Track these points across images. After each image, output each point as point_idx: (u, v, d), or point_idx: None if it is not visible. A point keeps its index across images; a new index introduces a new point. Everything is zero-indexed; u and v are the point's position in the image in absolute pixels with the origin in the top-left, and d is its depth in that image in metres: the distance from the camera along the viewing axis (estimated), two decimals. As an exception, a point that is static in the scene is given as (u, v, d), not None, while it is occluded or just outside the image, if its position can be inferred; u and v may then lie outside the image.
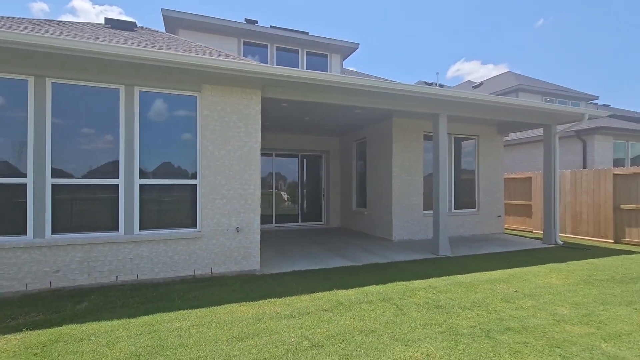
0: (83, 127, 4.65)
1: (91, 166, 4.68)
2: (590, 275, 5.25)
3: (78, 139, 4.62)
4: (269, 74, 4.98)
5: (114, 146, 4.73)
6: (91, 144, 4.69)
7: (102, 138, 4.74)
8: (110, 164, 4.74)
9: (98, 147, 4.71)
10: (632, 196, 8.07)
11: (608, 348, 2.92)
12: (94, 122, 4.69)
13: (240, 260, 5.21)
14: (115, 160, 4.73)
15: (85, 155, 4.65)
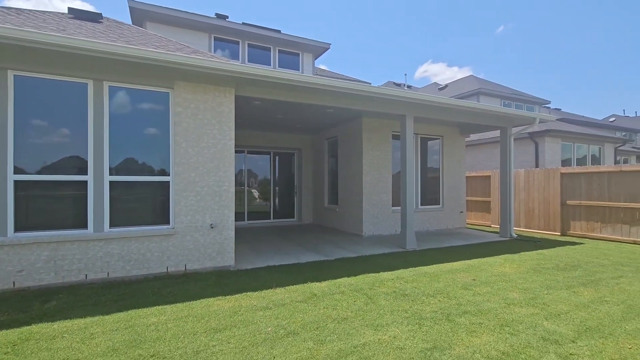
0: (48, 122, 4.49)
1: (57, 162, 4.53)
2: (538, 264, 5.80)
3: (43, 134, 4.46)
4: (243, 73, 5.06)
5: (82, 142, 4.60)
6: (57, 139, 4.55)
7: (69, 133, 4.60)
8: (78, 160, 4.62)
9: (64, 143, 4.57)
10: (577, 193, 8.92)
11: (549, 325, 3.33)
12: (60, 116, 4.54)
13: (214, 256, 5.26)
14: (83, 156, 4.62)
15: (51, 151, 4.50)
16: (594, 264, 5.83)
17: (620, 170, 8.11)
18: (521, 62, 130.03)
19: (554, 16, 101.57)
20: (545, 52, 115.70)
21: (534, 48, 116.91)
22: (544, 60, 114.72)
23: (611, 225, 8.23)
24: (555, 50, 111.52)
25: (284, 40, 10.78)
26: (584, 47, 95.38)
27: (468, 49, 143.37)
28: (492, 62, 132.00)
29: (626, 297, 4.12)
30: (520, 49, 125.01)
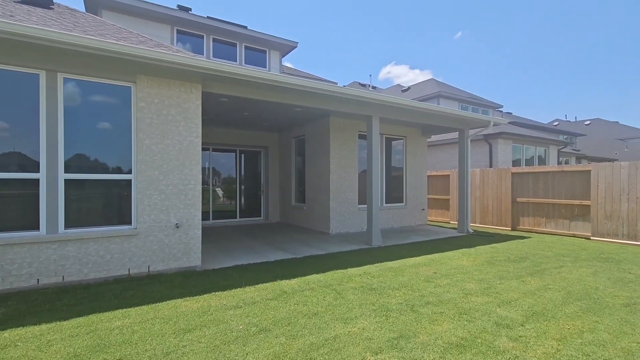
0: (-7, 115, 4.13)
1: (3, 159, 4.18)
2: (492, 257, 6.26)
3: (-13, 128, 4.09)
4: (211, 70, 4.96)
5: (33, 137, 4.28)
6: (3, 134, 4.19)
7: (18, 128, 4.26)
8: (28, 157, 4.29)
9: (12, 138, 4.23)
10: (525, 191, 9.69)
11: (501, 311, 3.63)
12: (8, 109, 4.19)
13: (180, 256, 5.12)
14: (35, 152, 4.29)
15: (-4, 147, 4.14)
16: (540, 255, 6.39)
17: (562, 170, 8.93)
18: (477, 67, 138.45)
19: (508, 27, 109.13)
20: (498, 59, 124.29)
21: (489, 54, 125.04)
22: (497, 66, 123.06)
23: (554, 220, 9.04)
24: (507, 57, 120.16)
25: (250, 36, 10.64)
26: (533, 56, 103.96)
27: (429, 53, 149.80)
28: (450, 66, 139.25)
29: (566, 284, 4.58)
30: (477, 55, 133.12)
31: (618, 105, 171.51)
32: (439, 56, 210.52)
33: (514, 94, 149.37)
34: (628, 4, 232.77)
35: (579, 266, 5.59)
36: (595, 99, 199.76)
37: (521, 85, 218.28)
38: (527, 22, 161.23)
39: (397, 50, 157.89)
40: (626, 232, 7.62)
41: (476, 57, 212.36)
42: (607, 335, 3.12)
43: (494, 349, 2.88)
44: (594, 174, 8.19)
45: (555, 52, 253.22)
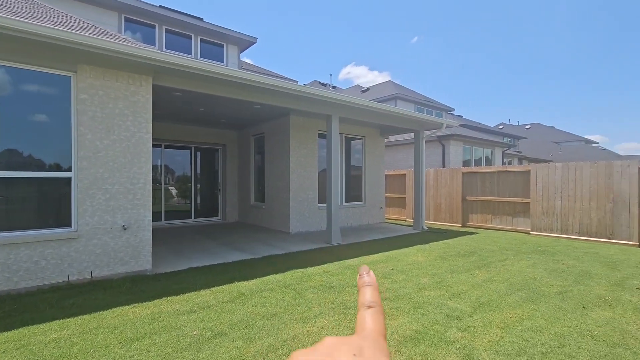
0: None
1: None
2: (444, 252, 6.58)
3: None
4: (163, 62, 4.68)
5: (-51, 129, 3.76)
6: None
7: None
8: (-57, 152, 3.76)
9: None
10: (474, 190, 10.33)
11: (452, 304, 3.82)
12: None
13: (128, 260, 4.78)
14: (-49, 146, 3.77)
15: None
16: (486, 250, 6.84)
17: (506, 170, 9.63)
18: (431, 71, 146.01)
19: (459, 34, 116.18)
20: (450, 63, 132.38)
21: (442, 59, 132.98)
22: (448, 71, 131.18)
23: (499, 217, 9.73)
24: (459, 63, 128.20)
25: (207, 29, 10.23)
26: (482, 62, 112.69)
27: (387, 55, 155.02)
28: (407, 69, 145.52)
29: (509, 276, 4.94)
30: (431, 59, 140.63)
31: (554, 111, 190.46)
32: (397, 59, 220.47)
33: (464, 97, 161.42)
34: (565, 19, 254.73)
35: (520, 259, 6.05)
36: (534, 105, 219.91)
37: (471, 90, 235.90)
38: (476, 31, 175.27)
39: (357, 51, 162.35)
40: (559, 227, 8.40)
41: (430, 61, 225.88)
42: (544, 322, 3.40)
43: (445, 339, 3.01)
44: (533, 174, 8.93)
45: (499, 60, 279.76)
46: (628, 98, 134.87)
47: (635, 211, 7.29)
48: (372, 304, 0.37)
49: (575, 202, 8.16)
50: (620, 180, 7.50)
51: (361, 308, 0.37)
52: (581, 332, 3.19)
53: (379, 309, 0.37)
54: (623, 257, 6.27)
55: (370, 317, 0.36)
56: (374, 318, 0.36)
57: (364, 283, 0.40)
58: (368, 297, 0.38)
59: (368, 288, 0.39)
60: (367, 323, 0.35)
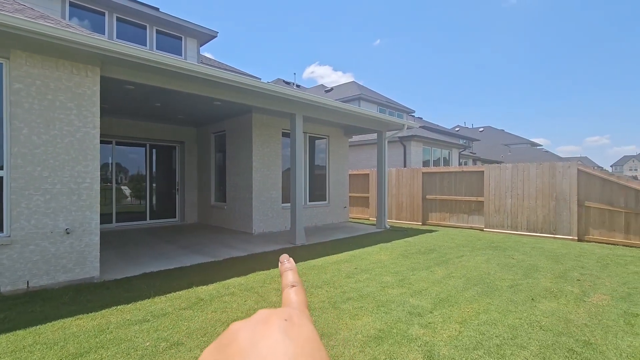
0: None
1: None
2: (406, 250, 6.75)
3: None
4: (112, 51, 4.32)
5: None
6: None
7: None
8: None
9: None
10: (433, 189, 10.73)
11: (414, 301, 3.90)
12: None
13: (72, 267, 4.36)
14: None
15: None
16: (445, 247, 7.11)
17: (462, 170, 10.11)
18: (392, 73, 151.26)
19: (419, 38, 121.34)
20: (411, 66, 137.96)
21: (403, 62, 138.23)
22: (410, 73, 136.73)
23: (456, 215, 10.19)
24: (419, 66, 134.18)
25: (163, 20, 9.67)
26: (440, 66, 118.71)
27: (351, 56, 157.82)
28: (370, 70, 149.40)
29: (466, 272, 5.15)
30: (392, 62, 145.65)
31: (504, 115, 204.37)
32: (360, 60, 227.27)
33: (423, 100, 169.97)
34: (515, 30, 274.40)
35: (475, 255, 6.35)
36: (486, 109, 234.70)
37: (430, 93, 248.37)
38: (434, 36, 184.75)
39: (321, 51, 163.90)
40: (510, 224, 8.96)
41: (392, 64, 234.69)
42: (498, 315, 3.56)
43: (408, 337, 3.05)
44: (486, 174, 9.44)
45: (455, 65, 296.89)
46: (567, 104, 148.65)
47: (575, 208, 7.96)
48: (295, 283, 0.42)
49: (523, 200, 8.74)
50: (562, 180, 8.15)
51: (285, 288, 0.42)
52: (531, 323, 3.37)
53: (300, 287, 0.42)
54: (564, 250, 6.80)
55: (294, 292, 0.41)
56: (297, 293, 0.41)
57: (286, 268, 0.45)
58: (290, 278, 0.43)
59: (289, 272, 0.44)
60: (292, 297, 0.40)
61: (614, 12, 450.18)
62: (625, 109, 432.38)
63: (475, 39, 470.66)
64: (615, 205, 7.48)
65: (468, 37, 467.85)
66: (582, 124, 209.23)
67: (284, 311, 0.34)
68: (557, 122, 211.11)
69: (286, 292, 0.42)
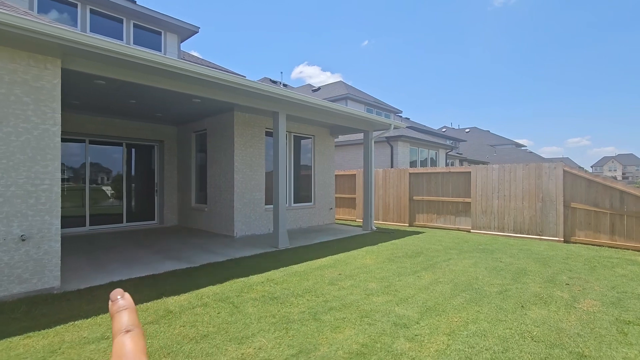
0: None
1: None
2: (392, 253, 6.54)
3: None
4: (72, 41, 3.95)
5: None
6: None
7: None
8: None
9: None
10: (420, 190, 10.59)
11: (399, 310, 3.67)
12: None
13: (28, 278, 3.97)
14: None
15: None
16: (432, 250, 6.94)
17: (449, 171, 9.99)
18: (380, 74, 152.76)
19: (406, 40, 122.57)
20: (398, 67, 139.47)
21: (390, 63, 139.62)
22: (397, 74, 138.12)
23: (443, 216, 10.07)
24: (407, 67, 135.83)
25: (140, 13, 9.23)
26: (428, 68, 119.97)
27: (339, 57, 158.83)
28: (358, 71, 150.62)
29: (453, 277, 4.97)
30: (380, 63, 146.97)
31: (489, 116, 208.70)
32: (349, 61, 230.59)
33: (410, 101, 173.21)
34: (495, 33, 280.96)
35: (463, 258, 6.19)
36: (472, 110, 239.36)
37: (416, 94, 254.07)
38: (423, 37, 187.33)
39: (309, 51, 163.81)
40: (497, 225, 8.88)
41: (380, 65, 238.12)
42: (487, 325, 3.36)
43: (393, 352, 2.81)
44: (473, 175, 9.34)
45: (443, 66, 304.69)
46: (547, 106, 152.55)
47: (561, 209, 7.91)
48: (131, 327, 0.35)
49: (510, 201, 8.67)
50: (548, 180, 8.10)
51: (118, 334, 0.35)
52: (522, 333, 3.19)
53: (138, 331, 0.35)
54: (552, 252, 6.71)
55: (130, 339, 0.34)
56: (134, 340, 0.34)
57: (119, 307, 0.38)
58: (125, 321, 0.35)
59: (124, 312, 0.37)
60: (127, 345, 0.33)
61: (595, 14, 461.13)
62: (606, 111, 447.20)
63: (463, 40, 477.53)
64: (601, 206, 7.45)
65: (456, 38, 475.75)
66: (563, 125, 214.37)
67: None
68: (540, 123, 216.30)
69: (119, 339, 0.34)
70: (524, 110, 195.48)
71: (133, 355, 0.32)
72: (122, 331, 0.35)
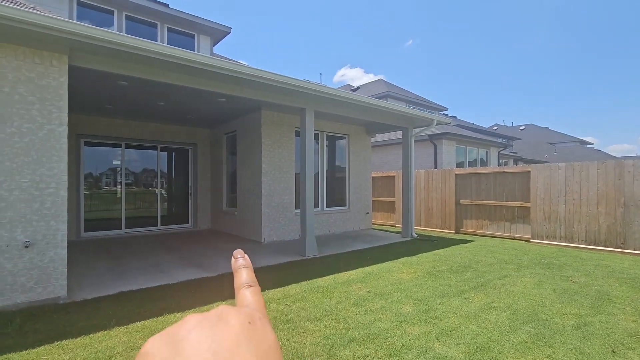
0: None
1: None
2: (434, 267, 5.64)
3: None
4: (78, 34, 3.69)
5: None
6: None
7: None
8: None
9: None
10: (468, 193, 9.42)
11: (440, 348, 2.87)
12: None
13: (32, 286, 3.77)
14: None
15: None
16: (483, 263, 5.91)
17: (503, 171, 8.74)
18: (425, 73, 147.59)
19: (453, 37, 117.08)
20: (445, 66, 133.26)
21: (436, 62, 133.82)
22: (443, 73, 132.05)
23: (496, 223, 8.83)
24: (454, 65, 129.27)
25: (174, 16, 9.23)
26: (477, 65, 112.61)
27: (382, 58, 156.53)
28: (401, 71, 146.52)
29: (512, 301, 4.00)
30: (425, 62, 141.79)
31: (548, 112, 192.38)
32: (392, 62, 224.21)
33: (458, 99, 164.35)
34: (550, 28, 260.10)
35: (522, 275, 5.13)
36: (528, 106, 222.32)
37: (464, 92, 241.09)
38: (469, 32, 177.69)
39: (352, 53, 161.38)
40: (563, 234, 7.51)
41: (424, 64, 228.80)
42: (565, 378, 2.46)
43: (428, 416, 2.05)
44: (533, 175, 8.04)
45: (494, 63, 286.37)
46: (617, 100, 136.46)
47: (650, 217, 6.42)
48: (252, 283, 0.37)
49: (581, 206, 7.27)
50: (633, 181, 6.63)
51: (241, 288, 0.36)
52: (619, 397, 2.25)
53: (257, 289, 0.37)
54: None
55: (252, 294, 0.35)
56: (255, 294, 0.36)
57: (240, 265, 0.39)
58: (245, 277, 0.37)
59: (244, 270, 0.38)
60: (249, 299, 0.35)
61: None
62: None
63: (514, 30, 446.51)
64: None
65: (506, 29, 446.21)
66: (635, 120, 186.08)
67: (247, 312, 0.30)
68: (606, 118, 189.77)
69: (242, 292, 0.36)
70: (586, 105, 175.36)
71: (257, 305, 0.34)
72: (244, 285, 0.36)
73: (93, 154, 8.59)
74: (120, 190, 8.92)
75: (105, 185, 8.88)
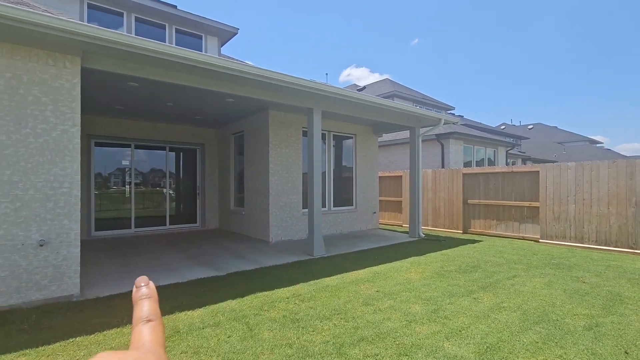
0: None
1: None
2: (442, 267, 5.63)
3: None
4: (90, 37, 3.75)
5: None
6: None
7: None
8: None
9: None
10: (476, 193, 9.36)
11: (450, 347, 2.87)
12: None
13: (47, 284, 3.84)
14: None
15: None
16: (492, 263, 5.87)
17: (511, 171, 8.68)
18: (431, 72, 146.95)
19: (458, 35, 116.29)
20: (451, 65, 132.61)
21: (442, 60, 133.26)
22: (449, 72, 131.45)
23: (504, 223, 8.76)
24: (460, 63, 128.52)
25: (181, 17, 9.31)
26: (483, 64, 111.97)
27: (388, 57, 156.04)
28: (407, 71, 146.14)
29: (521, 301, 3.98)
30: (431, 61, 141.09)
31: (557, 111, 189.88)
32: (398, 61, 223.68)
33: (464, 99, 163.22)
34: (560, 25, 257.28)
35: (532, 275, 5.09)
36: (536, 105, 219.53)
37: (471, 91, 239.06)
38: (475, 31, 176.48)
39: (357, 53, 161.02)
40: (573, 234, 7.43)
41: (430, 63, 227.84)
42: (577, 379, 2.44)
43: (439, 414, 2.06)
44: (542, 175, 7.97)
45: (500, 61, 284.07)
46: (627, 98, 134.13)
47: (663, 217, 6.32)
48: (152, 317, 0.34)
49: (591, 206, 7.19)
50: (645, 181, 6.53)
51: (138, 323, 0.33)
52: (632, 398, 2.23)
53: (159, 322, 0.33)
54: (654, 272, 5.30)
55: (150, 331, 0.32)
56: (154, 331, 0.32)
57: (142, 295, 0.35)
58: (146, 310, 0.34)
59: (146, 301, 0.35)
60: (145, 336, 0.31)
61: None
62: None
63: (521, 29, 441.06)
64: None
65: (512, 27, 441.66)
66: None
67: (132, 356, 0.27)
68: (615, 117, 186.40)
69: (138, 328, 0.32)
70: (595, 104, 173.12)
71: (151, 345, 0.30)
72: (142, 320, 0.33)
73: (103, 154, 8.71)
74: (129, 190, 9.03)
75: (114, 185, 8.99)
